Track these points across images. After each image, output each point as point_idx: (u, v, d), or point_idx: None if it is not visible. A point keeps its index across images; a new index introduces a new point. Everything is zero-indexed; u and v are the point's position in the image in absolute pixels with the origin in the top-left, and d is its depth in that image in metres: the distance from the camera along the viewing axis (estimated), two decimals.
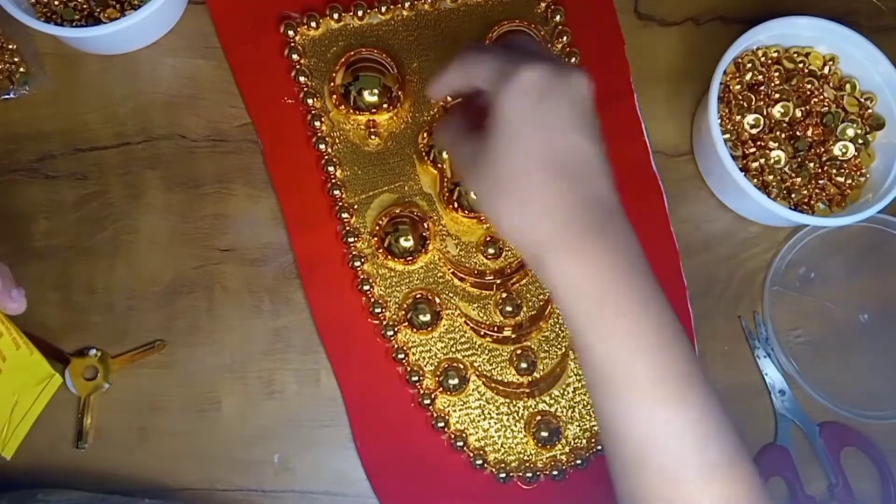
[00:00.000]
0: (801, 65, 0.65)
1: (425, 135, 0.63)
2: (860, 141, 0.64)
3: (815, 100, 0.64)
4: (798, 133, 0.64)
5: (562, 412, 0.63)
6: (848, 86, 0.65)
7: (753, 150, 0.64)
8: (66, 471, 0.60)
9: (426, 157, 0.63)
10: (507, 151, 0.44)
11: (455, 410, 0.62)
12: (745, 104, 0.64)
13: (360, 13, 0.64)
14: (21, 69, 0.63)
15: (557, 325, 0.63)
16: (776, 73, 0.64)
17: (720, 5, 0.68)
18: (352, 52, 0.63)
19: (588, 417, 0.63)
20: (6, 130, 0.63)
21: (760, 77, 0.64)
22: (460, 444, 0.62)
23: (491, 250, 0.63)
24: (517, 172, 0.44)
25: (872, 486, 0.64)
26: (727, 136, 0.63)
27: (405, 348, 0.62)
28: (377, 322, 0.62)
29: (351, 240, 0.63)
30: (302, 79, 0.63)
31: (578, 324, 0.44)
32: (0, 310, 0.52)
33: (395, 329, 0.62)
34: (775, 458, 0.63)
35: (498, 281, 0.63)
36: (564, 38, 0.65)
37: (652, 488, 0.44)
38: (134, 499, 0.59)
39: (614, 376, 0.43)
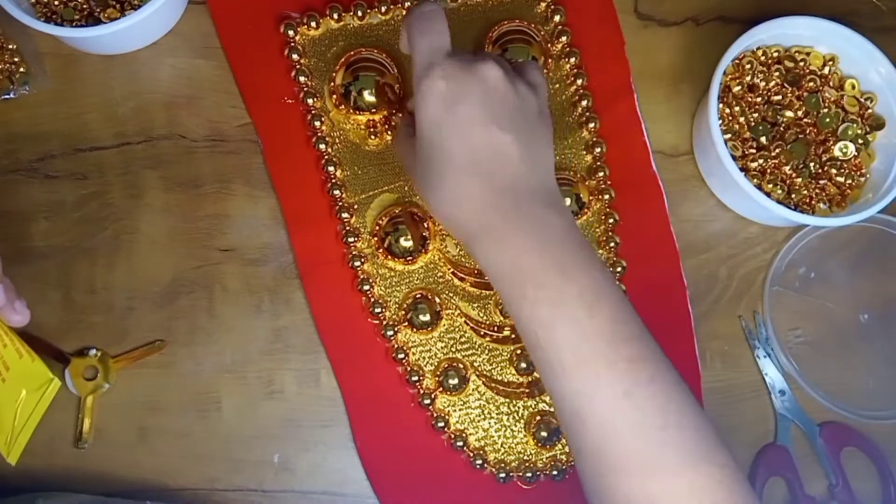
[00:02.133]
0: (801, 64, 0.65)
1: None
2: (860, 141, 0.64)
3: (815, 100, 0.64)
4: (798, 133, 0.64)
5: None
6: (848, 86, 0.65)
7: (753, 150, 0.64)
8: (65, 471, 0.60)
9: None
10: (429, 157, 0.48)
11: (455, 410, 0.62)
12: (745, 104, 0.64)
13: (360, 13, 0.64)
14: (21, 69, 0.63)
15: None
16: (776, 73, 0.64)
17: (720, 5, 0.68)
18: (352, 52, 0.63)
19: None
20: (6, 130, 0.63)
21: (760, 77, 0.64)
22: (460, 444, 0.62)
23: None
24: (438, 174, 0.48)
25: (872, 486, 0.65)
26: (727, 136, 0.63)
27: (405, 348, 0.62)
28: (377, 322, 0.63)
29: (351, 240, 0.63)
30: (302, 79, 0.64)
31: (509, 303, 0.47)
32: (3, 322, 0.52)
33: (395, 329, 0.62)
34: (775, 458, 0.64)
35: None
36: (564, 38, 0.65)
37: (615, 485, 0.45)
38: (135, 501, 0.59)
39: (542, 344, 0.46)
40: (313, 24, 0.64)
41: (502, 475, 0.62)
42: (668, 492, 0.44)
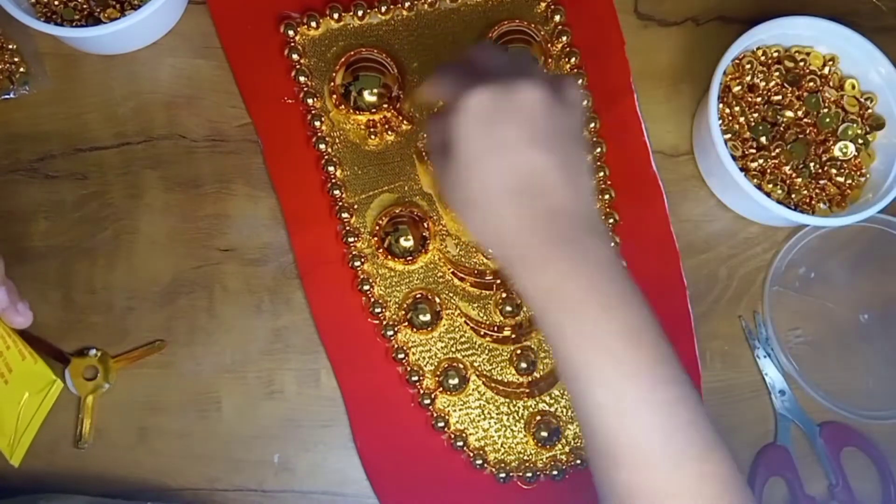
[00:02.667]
0: (801, 64, 0.65)
1: (425, 135, 0.63)
2: (860, 141, 0.64)
3: (815, 100, 0.64)
4: (798, 133, 0.64)
5: (562, 412, 0.63)
6: (848, 86, 0.65)
7: (753, 150, 0.64)
8: (66, 471, 0.60)
9: (426, 157, 0.63)
10: (465, 176, 0.46)
11: (455, 410, 0.62)
12: (745, 104, 0.64)
13: (360, 13, 0.64)
14: (21, 69, 0.63)
15: None
16: (776, 73, 0.64)
17: (720, 5, 0.68)
18: (352, 52, 0.63)
19: None
20: (6, 130, 0.63)
21: (760, 77, 0.64)
22: (460, 444, 0.62)
23: (491, 250, 0.63)
24: (476, 195, 0.46)
25: (872, 486, 0.65)
26: (727, 136, 0.63)
27: (405, 348, 0.62)
28: (377, 322, 0.63)
29: (351, 240, 0.63)
30: (302, 79, 0.64)
31: (548, 332, 0.46)
32: (6, 324, 0.52)
33: (395, 329, 0.62)
34: (775, 458, 0.64)
35: (498, 281, 0.64)
36: (564, 38, 0.66)
37: (628, 482, 0.45)
38: (135, 503, 0.59)
39: (579, 376, 0.45)
40: (313, 24, 0.64)
41: (502, 475, 0.62)
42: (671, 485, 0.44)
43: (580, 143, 0.48)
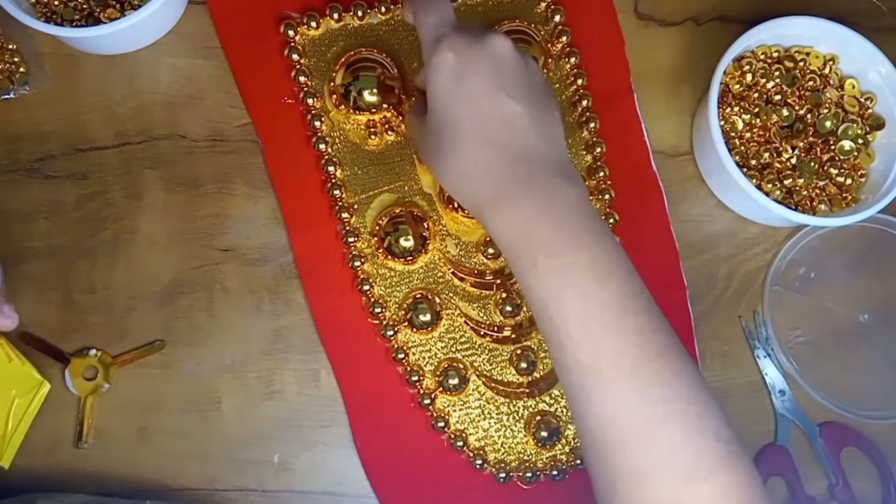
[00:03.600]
0: (801, 64, 0.65)
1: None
2: (860, 141, 0.64)
3: (815, 100, 0.65)
4: (798, 133, 0.64)
5: (562, 412, 0.63)
6: (848, 86, 0.65)
7: (754, 149, 0.64)
8: (65, 471, 0.60)
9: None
10: (441, 130, 0.49)
11: (455, 410, 0.62)
12: (745, 104, 0.64)
13: (359, 13, 0.64)
14: (21, 69, 0.63)
15: None
16: (776, 73, 0.64)
17: (720, 5, 0.69)
18: (352, 52, 0.64)
19: None
20: (6, 130, 0.63)
21: (761, 77, 0.64)
22: (460, 444, 0.62)
23: (491, 250, 0.63)
24: (451, 148, 0.49)
25: (872, 486, 0.65)
26: (727, 135, 0.63)
27: (405, 348, 0.63)
28: (377, 322, 0.63)
29: (351, 240, 0.63)
30: (302, 79, 0.64)
31: (518, 272, 0.47)
32: None
33: (395, 329, 0.63)
34: (775, 458, 0.64)
35: (498, 281, 0.64)
36: (564, 38, 0.66)
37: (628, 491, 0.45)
38: (135, 501, 0.59)
39: (550, 314, 0.46)
40: (313, 24, 0.64)
41: (502, 475, 0.62)
42: (668, 462, 0.44)
43: (550, 96, 0.51)
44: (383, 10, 0.65)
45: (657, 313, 0.46)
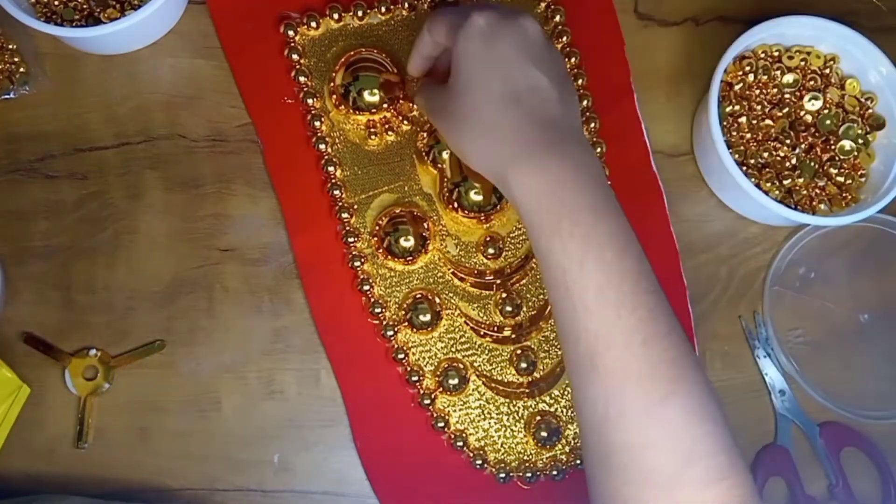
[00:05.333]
0: (802, 63, 0.65)
1: (425, 135, 0.64)
2: (860, 141, 0.64)
3: (816, 100, 0.65)
4: (798, 133, 0.64)
5: (562, 412, 0.63)
6: (848, 86, 0.65)
7: (753, 149, 0.64)
8: (66, 471, 0.61)
9: (426, 157, 0.64)
10: (466, 89, 0.50)
11: (455, 410, 0.63)
12: (745, 103, 0.64)
13: (359, 13, 0.64)
14: (21, 69, 0.64)
15: None
16: (777, 73, 0.65)
17: (720, 5, 0.69)
18: (352, 52, 0.64)
19: None
20: (6, 130, 0.63)
21: (761, 76, 0.64)
22: (460, 444, 0.62)
23: (491, 250, 0.64)
24: (477, 106, 0.50)
25: (872, 486, 0.65)
26: (727, 135, 0.63)
27: (405, 348, 0.63)
28: (377, 322, 0.63)
29: (351, 240, 0.63)
30: (302, 79, 0.64)
31: (539, 235, 0.47)
32: None
33: (395, 329, 0.63)
34: (775, 458, 0.64)
35: (498, 281, 0.64)
36: (564, 38, 0.66)
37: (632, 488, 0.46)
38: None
39: (567, 281, 0.46)
40: (313, 24, 0.64)
41: (502, 475, 0.62)
42: (666, 441, 0.45)
43: (570, 81, 0.53)
44: (383, 10, 0.65)
45: (664, 297, 0.47)
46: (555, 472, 0.63)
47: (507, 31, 0.49)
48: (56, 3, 0.62)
